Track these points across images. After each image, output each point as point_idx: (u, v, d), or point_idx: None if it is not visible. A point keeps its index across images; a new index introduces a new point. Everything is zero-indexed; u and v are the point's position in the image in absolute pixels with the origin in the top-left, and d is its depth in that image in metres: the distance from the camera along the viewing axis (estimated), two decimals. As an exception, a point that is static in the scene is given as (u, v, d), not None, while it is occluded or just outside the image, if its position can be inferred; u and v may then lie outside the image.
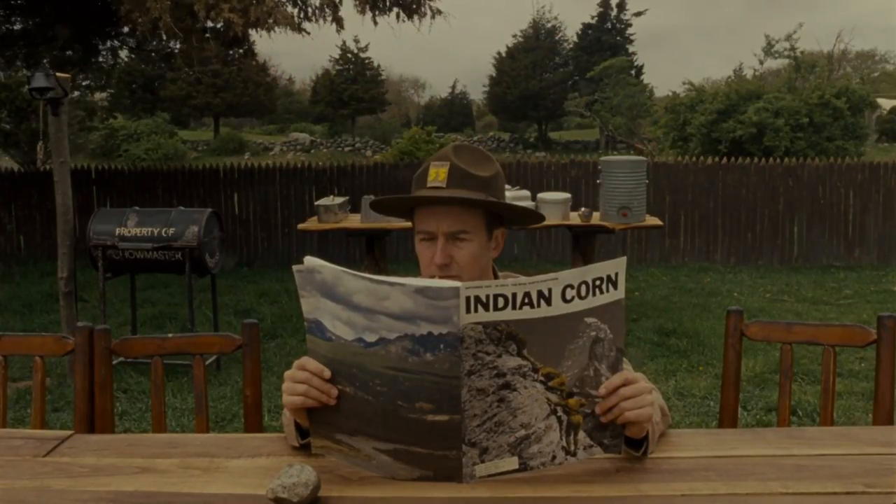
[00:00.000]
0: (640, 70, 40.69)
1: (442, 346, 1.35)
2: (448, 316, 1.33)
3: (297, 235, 10.54)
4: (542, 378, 1.42)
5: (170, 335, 2.54)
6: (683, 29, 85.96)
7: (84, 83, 20.05)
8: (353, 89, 44.50)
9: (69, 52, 9.92)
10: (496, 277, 1.93)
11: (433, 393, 1.38)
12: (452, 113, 50.80)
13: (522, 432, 1.45)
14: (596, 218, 7.00)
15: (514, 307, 1.36)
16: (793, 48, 16.82)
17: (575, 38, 42.38)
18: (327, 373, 1.49)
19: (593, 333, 1.43)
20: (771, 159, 10.98)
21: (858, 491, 1.48)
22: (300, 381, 1.51)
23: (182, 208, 5.77)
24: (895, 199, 10.39)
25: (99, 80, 16.25)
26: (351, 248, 10.53)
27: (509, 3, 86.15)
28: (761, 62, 18.21)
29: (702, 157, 11.48)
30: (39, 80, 5.40)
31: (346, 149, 39.28)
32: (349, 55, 45.20)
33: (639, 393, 1.49)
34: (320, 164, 11.51)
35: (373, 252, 7.08)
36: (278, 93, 47.76)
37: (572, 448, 1.49)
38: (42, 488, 1.58)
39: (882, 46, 66.67)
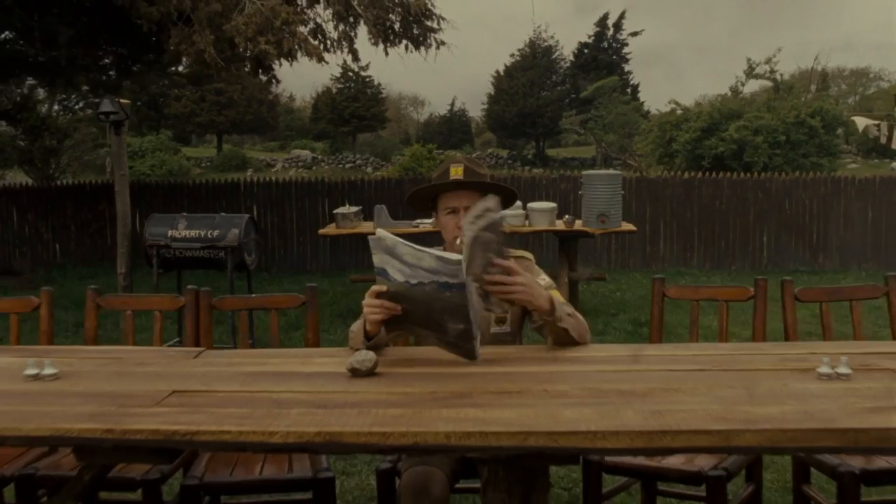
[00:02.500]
0: (635, 88, 41.65)
1: (455, 289, 2.34)
2: (456, 273, 2.31)
3: (311, 242, 11.57)
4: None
5: (253, 295, 3.53)
6: (679, 47, 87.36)
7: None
8: (355, 107, 45.43)
9: (103, 77, 10.91)
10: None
11: (453, 312, 2.37)
12: (451, 130, 51.45)
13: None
14: (578, 224, 7.98)
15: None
16: (772, 70, 17.92)
17: (571, 58, 43.34)
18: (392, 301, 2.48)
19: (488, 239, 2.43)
20: (742, 174, 12.01)
21: (695, 369, 2.46)
22: (376, 306, 2.49)
23: (224, 214, 6.76)
24: (855, 209, 11.41)
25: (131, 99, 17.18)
26: (360, 252, 11.53)
27: (507, 21, 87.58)
28: (742, 84, 19.21)
29: (679, 172, 12.49)
30: (106, 106, 6.40)
31: (348, 165, 40.13)
32: (350, 73, 46.18)
33: (531, 285, 2.49)
34: (332, 178, 12.54)
35: (383, 254, 8.06)
36: (279, 110, 48.67)
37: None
38: (202, 370, 2.57)
39: (875, 63, 67.51)
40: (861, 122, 31.05)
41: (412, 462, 2.62)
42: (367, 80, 46.54)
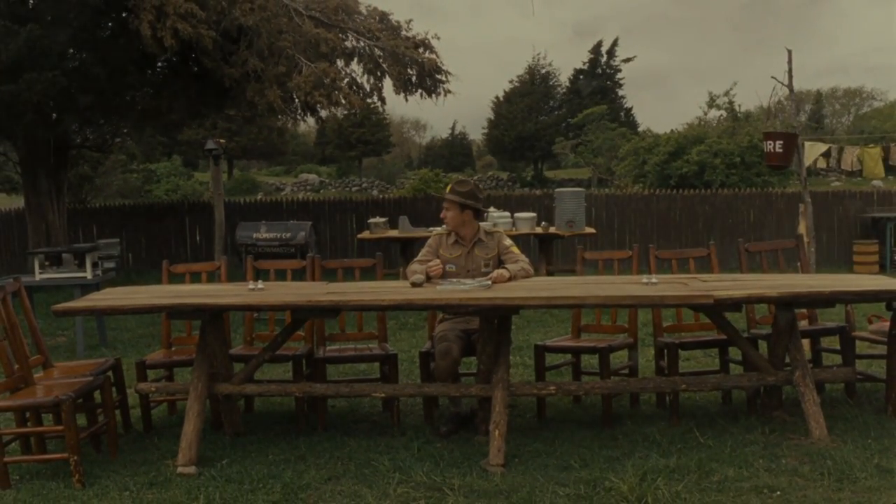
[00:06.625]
0: (629, 111, 43.92)
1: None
2: (486, 286, 4.84)
3: (341, 248, 14.10)
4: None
5: (345, 259, 6.07)
6: (675, 70, 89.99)
7: (124, 130, 23.55)
8: (360, 133, 47.66)
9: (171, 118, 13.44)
10: (479, 230, 5.40)
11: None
12: (453, 153, 52.73)
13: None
14: (552, 229, 10.50)
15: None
16: (730, 102, 20.52)
17: (567, 83, 45.49)
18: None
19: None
20: (692, 190, 14.57)
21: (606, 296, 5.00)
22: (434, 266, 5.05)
23: (293, 221, 9.30)
24: (783, 218, 13.94)
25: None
26: (384, 256, 14.05)
27: (506, 48, 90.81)
28: (705, 113, 21.87)
29: (640, 189, 15.04)
30: (210, 144, 8.94)
31: (354, 188, 42.27)
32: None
33: (501, 276, 4.99)
34: (359, 198, 15.13)
35: (405, 253, 10.59)
36: (287, 136, 50.80)
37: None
38: (333, 286, 5.10)
39: (869, 84, 69.69)
40: (813, 149, 32.94)
41: (440, 341, 5.12)
42: (372, 106, 48.73)
